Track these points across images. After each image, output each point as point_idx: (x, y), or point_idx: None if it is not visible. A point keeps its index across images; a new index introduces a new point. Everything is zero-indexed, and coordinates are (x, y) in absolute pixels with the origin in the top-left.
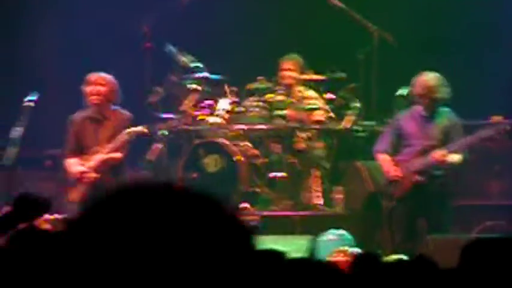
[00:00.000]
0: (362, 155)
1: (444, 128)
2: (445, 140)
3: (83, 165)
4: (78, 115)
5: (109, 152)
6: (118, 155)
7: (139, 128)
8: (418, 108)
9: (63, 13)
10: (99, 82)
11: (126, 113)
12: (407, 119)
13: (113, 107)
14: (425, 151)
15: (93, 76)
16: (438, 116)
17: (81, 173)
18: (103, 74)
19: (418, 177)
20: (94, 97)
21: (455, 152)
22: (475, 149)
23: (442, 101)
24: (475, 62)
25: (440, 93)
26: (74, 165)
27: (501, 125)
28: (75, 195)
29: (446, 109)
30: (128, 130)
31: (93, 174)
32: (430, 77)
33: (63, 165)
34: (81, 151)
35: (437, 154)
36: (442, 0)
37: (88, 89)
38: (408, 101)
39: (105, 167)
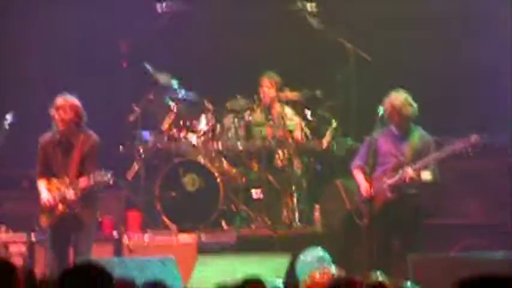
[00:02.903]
0: (340, 173)
1: (417, 147)
2: (417, 158)
3: (51, 190)
4: (46, 138)
5: (77, 190)
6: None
7: (106, 178)
8: (392, 127)
9: (41, 33)
10: (63, 108)
11: (93, 136)
12: (381, 138)
13: (81, 128)
14: (397, 168)
15: (59, 101)
16: (411, 135)
17: (48, 202)
18: (68, 98)
19: (390, 195)
20: (59, 123)
21: (424, 168)
22: (452, 168)
23: (411, 118)
24: (451, 79)
25: (407, 110)
26: (43, 190)
27: (469, 140)
28: (44, 220)
29: (419, 128)
30: (96, 179)
31: (61, 207)
32: (396, 96)
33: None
34: (50, 172)
35: (408, 172)
36: (419, 21)
37: (54, 113)
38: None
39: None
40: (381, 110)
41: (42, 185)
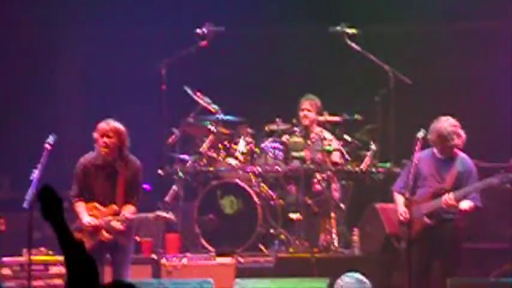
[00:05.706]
0: (379, 196)
1: (459, 174)
2: (458, 185)
3: (95, 216)
4: (88, 159)
5: (129, 220)
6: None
7: (168, 216)
8: (435, 151)
9: (82, 56)
10: (107, 134)
11: (137, 162)
12: (424, 161)
13: (124, 154)
14: (437, 194)
15: (102, 126)
16: (455, 161)
17: (92, 227)
18: (112, 123)
19: (427, 220)
20: (103, 149)
21: (464, 197)
22: (492, 190)
23: (457, 148)
24: (491, 102)
25: (454, 140)
26: (84, 213)
27: (507, 174)
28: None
29: (463, 155)
30: (158, 214)
31: (106, 234)
32: (444, 125)
33: (74, 208)
34: (90, 196)
35: (447, 199)
36: (458, 40)
37: (97, 138)
38: (425, 142)
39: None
40: (420, 133)
41: (81, 207)
